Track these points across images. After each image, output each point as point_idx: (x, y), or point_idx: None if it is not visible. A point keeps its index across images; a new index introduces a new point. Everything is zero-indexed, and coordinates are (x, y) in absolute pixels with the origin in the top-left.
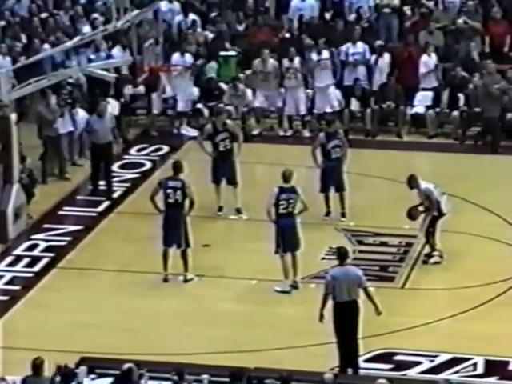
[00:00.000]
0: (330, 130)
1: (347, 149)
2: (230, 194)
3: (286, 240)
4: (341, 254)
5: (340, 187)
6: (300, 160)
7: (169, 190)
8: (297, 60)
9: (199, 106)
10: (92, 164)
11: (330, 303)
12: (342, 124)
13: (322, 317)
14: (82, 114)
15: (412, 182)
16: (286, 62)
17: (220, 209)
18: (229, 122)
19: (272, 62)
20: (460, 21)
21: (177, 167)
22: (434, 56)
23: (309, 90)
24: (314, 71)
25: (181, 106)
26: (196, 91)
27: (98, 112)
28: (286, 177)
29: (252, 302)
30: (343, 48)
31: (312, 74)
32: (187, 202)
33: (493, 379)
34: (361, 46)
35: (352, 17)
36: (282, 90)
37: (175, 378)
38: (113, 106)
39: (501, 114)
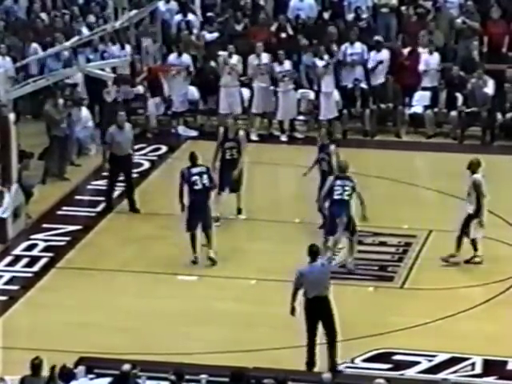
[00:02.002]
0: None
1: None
2: (233, 195)
3: (333, 223)
4: (312, 252)
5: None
6: (296, 160)
7: (195, 177)
8: (287, 63)
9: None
10: (110, 176)
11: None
12: (340, 124)
13: (293, 310)
14: (85, 114)
15: (474, 166)
16: (276, 66)
17: (217, 219)
18: (241, 132)
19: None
20: (459, 21)
21: (194, 157)
22: (436, 55)
23: (306, 90)
24: (322, 77)
25: (176, 106)
26: (193, 91)
27: (118, 123)
28: (343, 168)
29: (251, 301)
30: (342, 48)
31: (319, 80)
32: None
33: (491, 379)
34: (359, 47)
35: (350, 17)
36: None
37: (173, 377)
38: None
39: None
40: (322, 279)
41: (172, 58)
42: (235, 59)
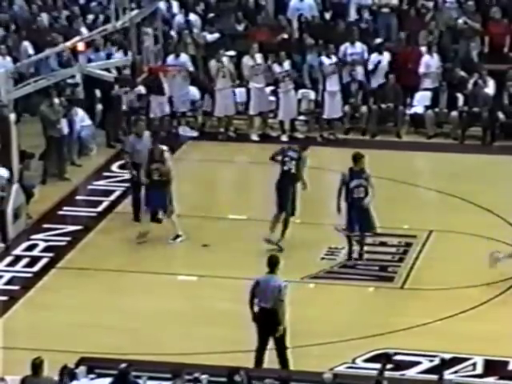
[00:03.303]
0: (356, 168)
1: (374, 189)
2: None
3: None
4: (271, 263)
5: (364, 227)
6: None
7: (286, 158)
8: (287, 63)
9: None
10: (133, 188)
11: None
12: (342, 124)
13: (254, 317)
14: (81, 114)
15: None
16: (276, 67)
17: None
18: (166, 153)
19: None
20: (460, 21)
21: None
22: (436, 56)
23: (307, 90)
24: (329, 76)
25: (176, 107)
26: (194, 91)
27: (137, 132)
28: None
29: None
30: (342, 48)
31: (324, 78)
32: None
33: (492, 379)
34: (359, 46)
35: (352, 17)
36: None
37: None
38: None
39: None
40: (273, 292)
41: (170, 58)
42: (225, 61)
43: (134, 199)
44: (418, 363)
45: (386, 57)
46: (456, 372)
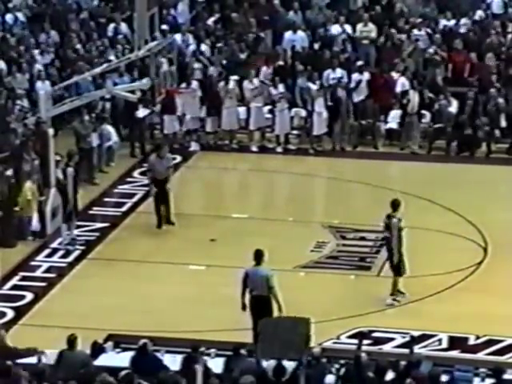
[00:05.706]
0: (394, 214)
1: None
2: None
3: None
4: (257, 256)
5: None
6: (290, 168)
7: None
8: (281, 86)
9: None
10: (155, 199)
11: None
12: (329, 137)
13: (244, 306)
14: (109, 129)
15: None
16: (272, 90)
17: None
18: (59, 172)
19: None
20: (431, 50)
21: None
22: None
23: (298, 109)
24: (316, 98)
25: (189, 124)
26: (203, 110)
27: (160, 154)
28: None
29: None
30: (325, 74)
31: (313, 100)
32: None
33: (455, 352)
34: (339, 72)
35: (337, 47)
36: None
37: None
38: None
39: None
40: (263, 281)
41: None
42: (232, 84)
43: (157, 209)
44: (393, 339)
45: (365, 76)
46: (425, 347)
